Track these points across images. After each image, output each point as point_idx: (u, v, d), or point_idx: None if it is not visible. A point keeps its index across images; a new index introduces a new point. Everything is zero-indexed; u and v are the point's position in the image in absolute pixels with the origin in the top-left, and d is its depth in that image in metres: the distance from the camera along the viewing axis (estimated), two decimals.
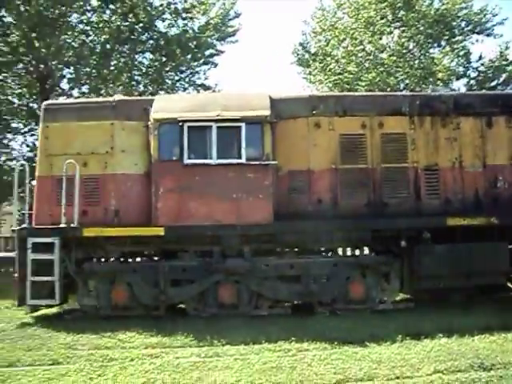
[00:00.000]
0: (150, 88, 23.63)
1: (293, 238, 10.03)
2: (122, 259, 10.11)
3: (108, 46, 22.49)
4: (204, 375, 6.33)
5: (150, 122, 9.92)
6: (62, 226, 9.60)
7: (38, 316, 10.17)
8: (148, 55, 23.96)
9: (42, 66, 22.15)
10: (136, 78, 23.99)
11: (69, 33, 22.27)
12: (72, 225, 9.63)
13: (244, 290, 9.84)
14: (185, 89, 24.18)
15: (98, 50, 22.53)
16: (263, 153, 9.78)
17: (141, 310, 9.78)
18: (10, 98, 22.99)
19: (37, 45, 21.07)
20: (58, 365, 7.00)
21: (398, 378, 6.25)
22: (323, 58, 24.85)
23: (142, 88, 23.85)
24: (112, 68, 22.98)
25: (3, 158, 22.82)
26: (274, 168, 9.96)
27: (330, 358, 6.98)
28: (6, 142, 23.00)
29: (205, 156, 9.84)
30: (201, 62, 24.09)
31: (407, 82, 23.18)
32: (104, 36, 22.41)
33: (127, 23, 22.36)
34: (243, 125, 9.76)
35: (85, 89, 23.40)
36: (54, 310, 10.62)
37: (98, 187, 10.14)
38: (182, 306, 10.27)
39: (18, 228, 9.87)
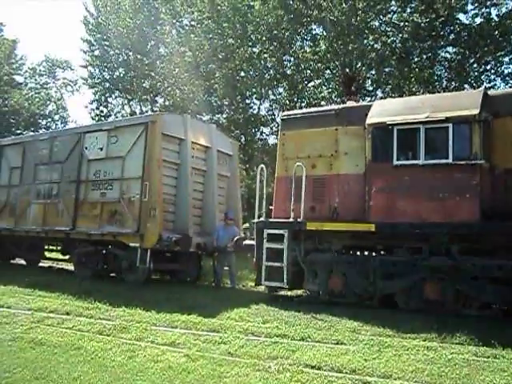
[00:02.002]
0: (453, 83, 23.98)
1: (503, 238, 9.97)
2: (342, 251, 11.56)
3: (408, 45, 23.70)
4: (474, 373, 6.63)
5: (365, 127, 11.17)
6: (290, 220, 11.62)
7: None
8: (450, 49, 24.35)
9: (347, 70, 24.60)
10: (438, 73, 24.60)
11: (370, 36, 24.19)
12: (298, 219, 11.55)
13: (449, 288, 10.23)
14: (490, 80, 23.85)
15: (398, 50, 23.94)
16: (471, 152, 10.04)
17: (354, 299, 11.09)
18: (321, 101, 26.16)
19: (341, 51, 23.59)
20: (340, 345, 8.01)
21: None
22: None
23: (444, 83, 24.38)
24: (413, 66, 24.11)
25: None
26: (483, 167, 10.09)
27: None
28: None
29: (413, 157, 10.63)
30: (507, 50, 23.37)
31: None
32: (404, 35, 23.71)
33: (427, 20, 23.19)
34: (450, 125, 10.19)
35: (388, 88, 25.07)
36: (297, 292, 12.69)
37: (324, 186, 11.82)
38: None
39: (257, 221, 12.26)
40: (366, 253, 11.66)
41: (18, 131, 39.56)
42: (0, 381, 6.41)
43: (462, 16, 23.66)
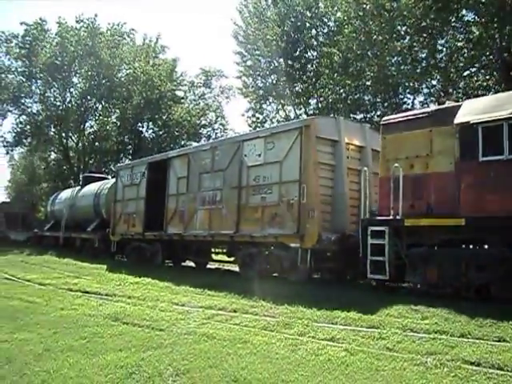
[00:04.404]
0: None
1: None
2: (439, 245, 12.61)
3: None
4: None
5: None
6: (390, 217, 13.05)
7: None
8: None
9: (505, 54, 24.37)
10: None
11: None
12: (397, 216, 12.93)
13: None
14: None
15: None
16: None
17: (449, 289, 12.19)
18: (478, 91, 26.12)
19: (497, 35, 23.52)
20: (502, 342, 8.17)
21: None
22: None
23: None
24: None
25: None
26: None
27: None
28: None
29: (498, 153, 11.46)
30: None
31: None
32: None
33: None
34: None
35: None
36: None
37: (421, 185, 13.01)
38: None
39: (362, 219, 13.80)
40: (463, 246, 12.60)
41: (182, 142, 44.73)
42: (180, 367, 7.28)
43: None
